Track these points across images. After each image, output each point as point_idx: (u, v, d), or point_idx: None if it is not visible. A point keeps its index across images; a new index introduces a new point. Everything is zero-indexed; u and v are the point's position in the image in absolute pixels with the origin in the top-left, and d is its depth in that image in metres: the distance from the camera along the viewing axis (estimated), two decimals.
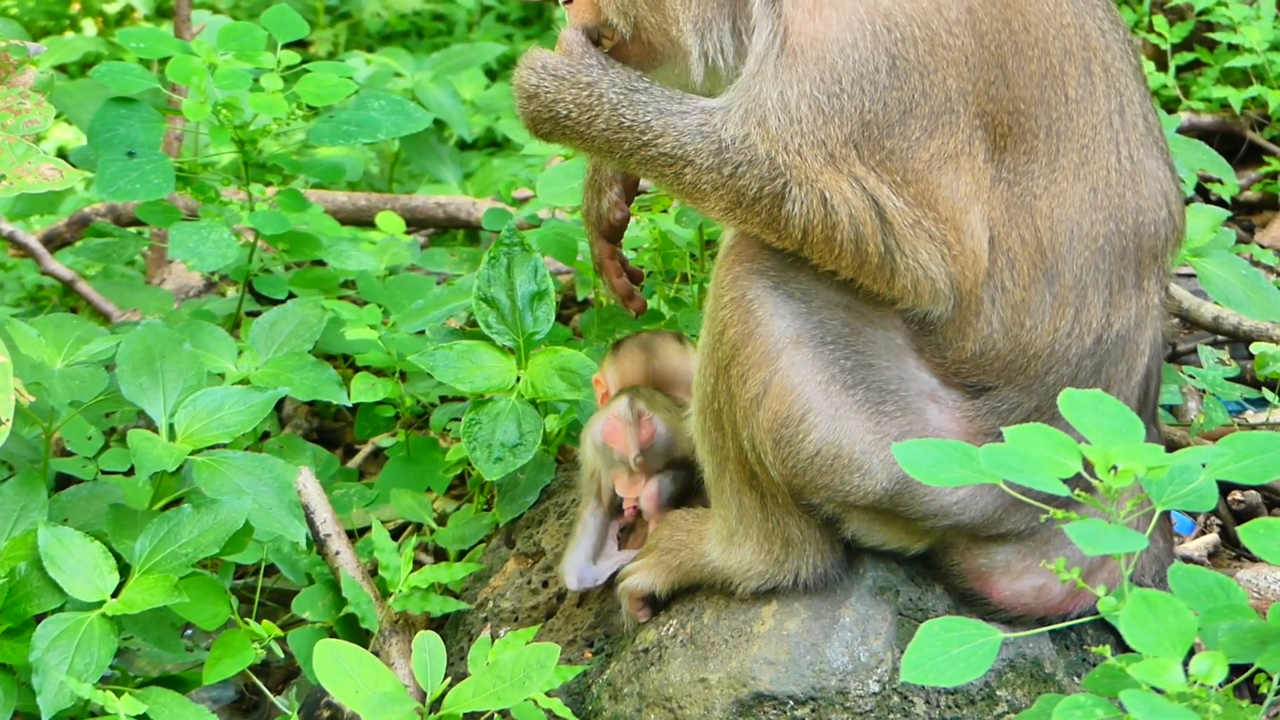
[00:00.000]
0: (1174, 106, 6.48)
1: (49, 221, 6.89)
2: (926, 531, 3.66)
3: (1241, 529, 3.10)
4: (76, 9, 10.19)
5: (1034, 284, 3.55)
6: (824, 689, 3.64)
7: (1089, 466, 3.00)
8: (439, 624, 4.27)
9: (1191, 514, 4.47)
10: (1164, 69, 6.45)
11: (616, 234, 4.10)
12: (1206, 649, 2.98)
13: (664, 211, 5.01)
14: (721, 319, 3.60)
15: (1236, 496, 4.51)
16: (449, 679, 3.76)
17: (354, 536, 4.59)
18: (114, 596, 3.84)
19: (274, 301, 5.21)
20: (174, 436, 4.13)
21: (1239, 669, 3.05)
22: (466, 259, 5.95)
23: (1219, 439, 3.93)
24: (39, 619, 3.81)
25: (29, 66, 3.88)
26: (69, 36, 9.18)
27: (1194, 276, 4.74)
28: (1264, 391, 4.76)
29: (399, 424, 5.09)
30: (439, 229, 6.89)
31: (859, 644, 3.67)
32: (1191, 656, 2.92)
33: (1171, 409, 4.82)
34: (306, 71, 5.10)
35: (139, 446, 4.05)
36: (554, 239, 5.08)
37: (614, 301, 4.12)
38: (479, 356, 4.38)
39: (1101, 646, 3.09)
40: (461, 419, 4.33)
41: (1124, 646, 2.98)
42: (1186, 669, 2.89)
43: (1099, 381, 3.59)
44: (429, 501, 4.72)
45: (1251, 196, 6.33)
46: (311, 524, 4.29)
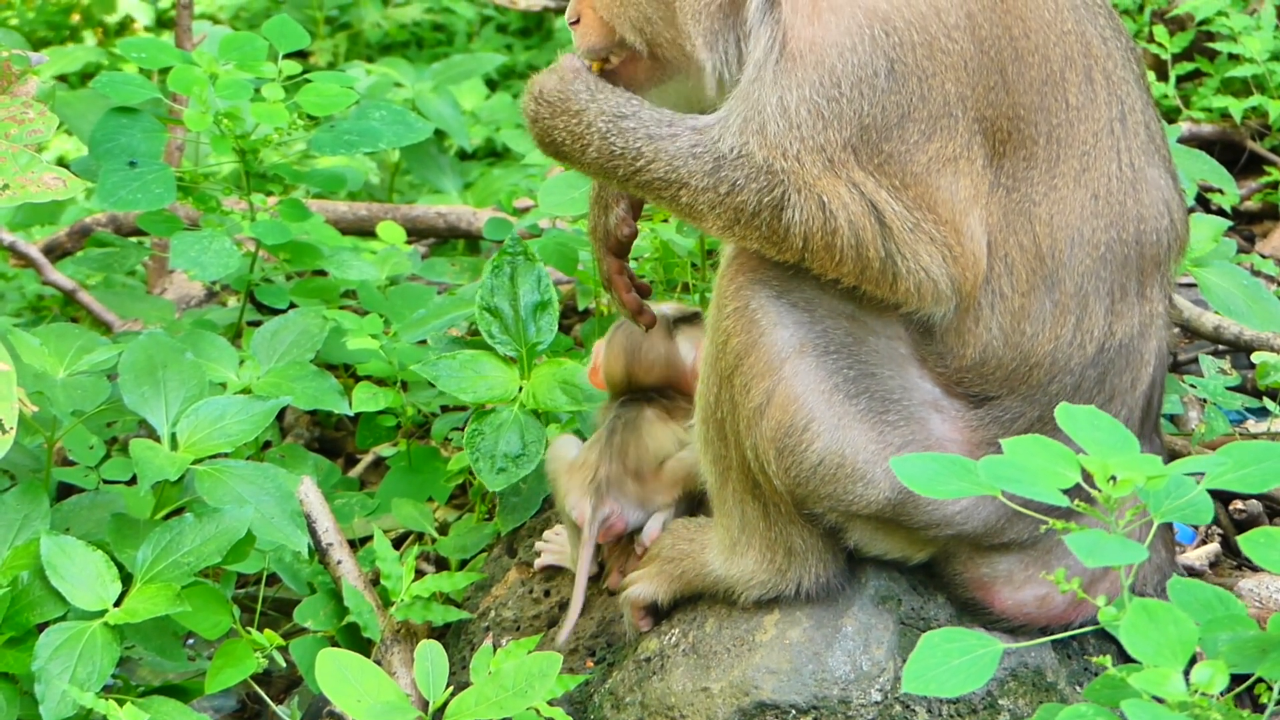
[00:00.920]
0: (1174, 116, 6.48)
1: (50, 231, 6.88)
2: (929, 541, 3.66)
3: (1242, 538, 3.10)
4: (77, 20, 10.20)
5: (1033, 290, 3.54)
6: (826, 698, 3.64)
7: (1089, 477, 3.00)
8: (441, 633, 4.27)
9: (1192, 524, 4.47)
10: (1164, 79, 6.45)
11: (624, 250, 4.08)
12: (1207, 658, 2.98)
13: (664, 221, 5.01)
14: (725, 329, 3.60)
15: (1238, 506, 4.51)
16: (451, 688, 3.76)
17: (356, 546, 4.59)
18: (116, 606, 3.85)
19: (275, 311, 5.21)
20: (176, 446, 4.14)
21: (1240, 678, 3.05)
22: (467, 269, 5.95)
23: (1220, 449, 3.93)
24: (41, 628, 3.81)
25: (31, 76, 3.88)
26: (70, 47, 9.20)
27: (1195, 286, 4.74)
28: (1265, 401, 4.75)
29: (400, 433, 5.09)
30: (440, 239, 6.89)
31: (861, 653, 3.67)
32: (1192, 666, 2.92)
33: (1173, 418, 4.81)
34: (307, 81, 5.11)
35: (141, 456, 4.05)
36: (555, 248, 5.09)
37: (624, 316, 4.11)
38: (482, 366, 4.38)
39: (1103, 656, 3.09)
40: (463, 429, 4.32)
41: (1125, 656, 2.98)
42: (1187, 678, 2.89)
43: (1103, 392, 3.58)
44: (430, 511, 4.73)
45: (1252, 206, 6.33)
46: (313, 533, 4.28)
